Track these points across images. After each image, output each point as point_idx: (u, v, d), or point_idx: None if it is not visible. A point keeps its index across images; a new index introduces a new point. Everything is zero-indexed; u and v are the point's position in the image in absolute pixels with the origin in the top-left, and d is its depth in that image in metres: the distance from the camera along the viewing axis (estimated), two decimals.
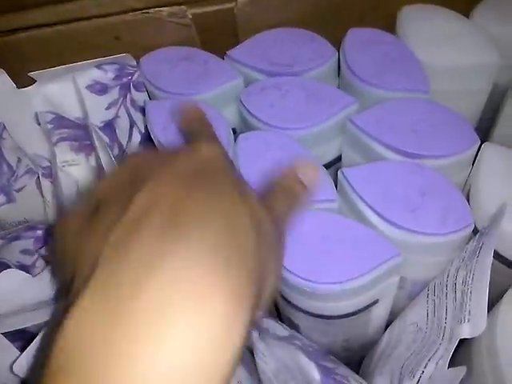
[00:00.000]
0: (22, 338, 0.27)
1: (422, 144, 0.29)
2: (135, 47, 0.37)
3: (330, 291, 0.26)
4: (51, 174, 0.39)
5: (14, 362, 0.25)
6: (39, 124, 0.38)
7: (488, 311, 0.23)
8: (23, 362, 0.25)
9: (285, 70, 0.35)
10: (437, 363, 0.24)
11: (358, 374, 0.32)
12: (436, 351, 0.25)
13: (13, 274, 0.28)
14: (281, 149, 0.31)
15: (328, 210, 0.29)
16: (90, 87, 0.36)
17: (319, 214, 0.28)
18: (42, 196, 0.40)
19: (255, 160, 0.31)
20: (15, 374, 0.26)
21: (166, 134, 0.33)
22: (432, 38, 0.35)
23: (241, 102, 0.33)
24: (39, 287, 0.28)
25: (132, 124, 0.39)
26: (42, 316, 0.27)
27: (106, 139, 0.38)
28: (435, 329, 0.27)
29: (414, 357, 0.27)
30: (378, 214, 0.28)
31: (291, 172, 0.25)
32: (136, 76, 0.36)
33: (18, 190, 0.38)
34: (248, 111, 0.33)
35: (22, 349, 0.26)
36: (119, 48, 0.36)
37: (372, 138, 0.30)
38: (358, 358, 0.36)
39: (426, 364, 0.25)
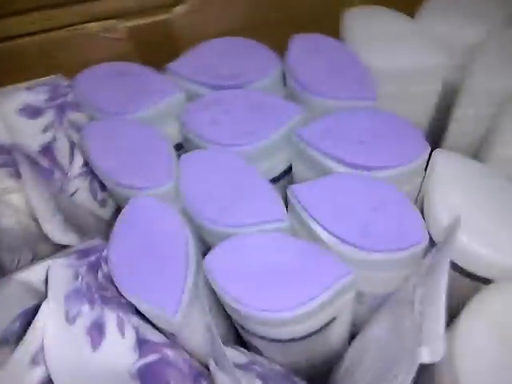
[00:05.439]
0: None
1: (370, 155, 0.28)
2: (68, 65, 0.35)
3: (281, 318, 0.25)
4: None
5: None
6: None
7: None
8: None
9: (228, 82, 0.33)
10: None
11: None
12: (398, 372, 0.24)
13: None
14: (226, 167, 0.29)
15: (278, 229, 0.28)
16: (21, 111, 0.34)
17: (266, 236, 0.27)
18: None
19: (199, 181, 0.29)
20: None
21: (104, 158, 0.31)
22: (377, 40, 0.34)
23: (182, 120, 0.32)
24: None
25: (72, 145, 0.37)
26: None
27: (45, 163, 0.36)
28: (395, 349, 0.26)
29: (378, 376, 0.26)
30: (330, 232, 0.26)
31: None
32: (70, 96, 0.34)
33: None
34: (190, 130, 0.31)
35: None
36: (51, 67, 0.34)
37: (318, 150, 0.29)
38: (323, 372, 0.35)
39: None
